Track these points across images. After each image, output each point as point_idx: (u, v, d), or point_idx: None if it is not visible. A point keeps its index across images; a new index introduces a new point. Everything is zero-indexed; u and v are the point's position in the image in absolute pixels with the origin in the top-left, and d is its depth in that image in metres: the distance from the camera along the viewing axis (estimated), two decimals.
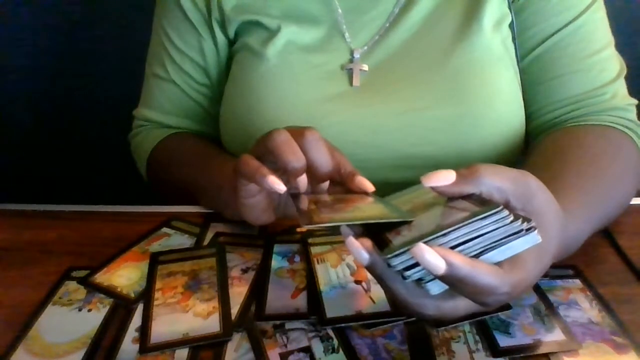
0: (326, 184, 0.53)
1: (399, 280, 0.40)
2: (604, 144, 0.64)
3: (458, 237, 0.39)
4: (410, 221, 0.43)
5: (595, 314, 0.51)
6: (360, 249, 0.40)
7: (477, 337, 0.48)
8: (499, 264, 0.39)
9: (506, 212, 0.38)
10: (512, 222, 0.38)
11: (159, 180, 0.79)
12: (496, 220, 0.38)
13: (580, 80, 0.69)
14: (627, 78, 0.70)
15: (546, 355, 0.46)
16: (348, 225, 0.44)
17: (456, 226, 0.38)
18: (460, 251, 0.39)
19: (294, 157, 0.49)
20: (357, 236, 0.42)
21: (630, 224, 0.63)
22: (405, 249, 0.38)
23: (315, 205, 0.49)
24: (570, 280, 0.55)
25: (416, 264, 0.39)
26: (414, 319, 0.50)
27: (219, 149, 0.76)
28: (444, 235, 0.38)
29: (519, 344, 0.47)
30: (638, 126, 0.68)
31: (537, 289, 0.53)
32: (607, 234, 0.61)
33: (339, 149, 0.53)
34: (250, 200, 0.54)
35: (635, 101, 0.70)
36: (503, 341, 0.47)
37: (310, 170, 0.51)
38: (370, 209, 0.47)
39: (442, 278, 0.38)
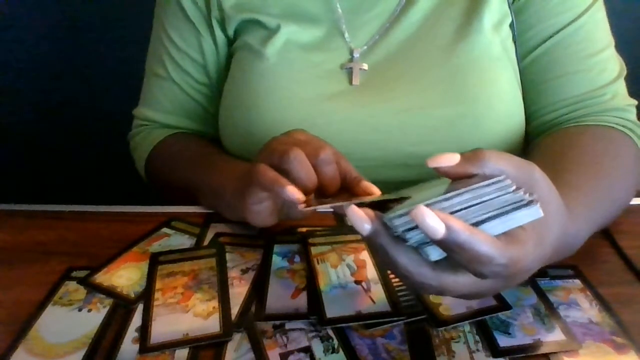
0: None
1: (400, 248, 0.40)
2: (604, 144, 0.64)
3: (460, 202, 0.38)
4: (408, 197, 0.43)
5: (595, 314, 0.51)
6: (362, 218, 0.40)
7: (477, 337, 0.48)
8: (497, 237, 0.39)
9: (509, 182, 0.38)
10: (514, 191, 0.38)
11: (159, 181, 0.79)
12: (499, 188, 0.38)
13: (581, 81, 0.69)
14: (627, 79, 0.71)
15: (546, 355, 0.46)
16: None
17: (458, 191, 0.38)
18: (461, 216, 0.38)
19: (308, 179, 0.50)
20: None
21: (630, 224, 0.63)
22: (407, 210, 0.38)
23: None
24: (570, 280, 0.55)
25: (417, 227, 0.38)
26: (414, 319, 0.50)
27: (220, 150, 0.76)
28: (446, 199, 0.38)
29: (519, 344, 0.47)
30: (638, 127, 0.68)
31: (537, 289, 0.53)
32: (607, 234, 0.61)
33: (345, 157, 0.53)
34: (259, 205, 0.54)
35: (635, 102, 0.70)
36: (503, 341, 0.47)
37: (319, 186, 0.52)
38: (368, 197, 0.47)
39: (441, 243, 0.38)
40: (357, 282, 0.54)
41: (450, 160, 0.41)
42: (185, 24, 0.75)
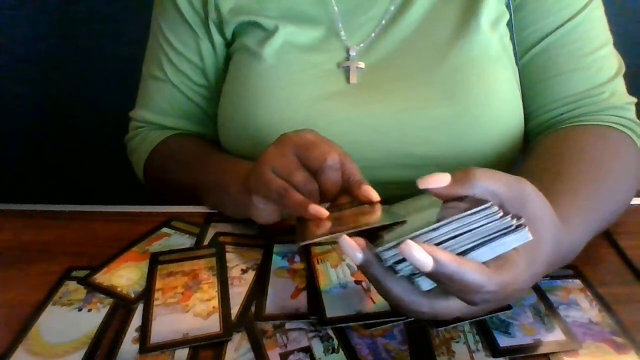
0: None
1: (392, 278, 0.40)
2: (603, 145, 0.64)
3: (448, 231, 0.39)
4: (403, 222, 0.43)
5: (595, 314, 0.51)
6: (354, 249, 0.40)
7: (477, 337, 0.48)
8: (487, 263, 0.39)
9: (496, 208, 0.39)
10: (501, 217, 0.38)
11: (159, 182, 0.79)
12: (486, 216, 0.39)
13: (578, 79, 0.68)
14: (625, 77, 0.70)
15: (546, 355, 0.46)
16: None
17: (446, 221, 0.38)
18: (449, 245, 0.39)
19: (312, 194, 0.52)
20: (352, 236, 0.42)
21: (630, 224, 0.63)
22: (396, 242, 0.38)
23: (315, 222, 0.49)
24: (570, 280, 0.55)
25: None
26: (413, 318, 0.50)
27: (219, 149, 0.76)
28: (434, 229, 0.39)
29: (519, 344, 0.47)
30: (637, 125, 0.68)
31: (537, 289, 0.53)
32: (607, 234, 0.61)
33: (350, 158, 0.54)
34: (264, 204, 0.56)
35: (634, 100, 0.70)
36: (503, 341, 0.47)
37: (321, 190, 0.53)
38: (365, 218, 0.47)
39: (430, 275, 0.38)
40: (357, 282, 0.54)
41: (440, 181, 0.41)
42: (182, 26, 0.75)
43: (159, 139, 0.79)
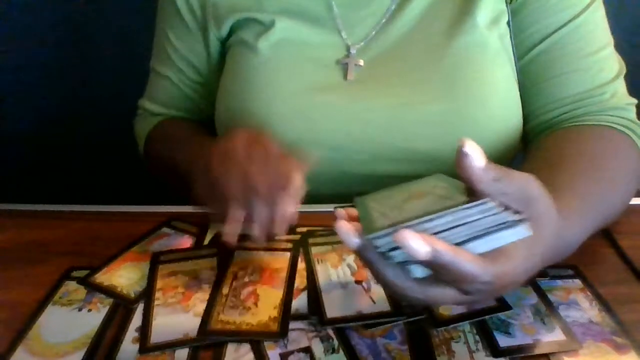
0: None
1: (387, 263, 0.40)
2: (604, 145, 0.64)
3: (444, 223, 0.38)
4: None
5: (595, 313, 0.51)
6: (350, 233, 0.40)
7: (477, 337, 0.48)
8: (482, 254, 0.39)
9: (492, 204, 0.38)
10: (499, 213, 0.38)
11: (154, 162, 0.81)
12: (481, 211, 0.38)
13: (579, 80, 0.68)
14: (626, 78, 0.70)
15: (546, 355, 0.46)
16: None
17: (441, 213, 0.38)
18: (445, 237, 0.38)
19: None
20: (350, 218, 0.42)
21: (630, 224, 0.63)
22: (390, 230, 0.38)
23: None
24: (570, 280, 0.55)
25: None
26: (413, 319, 0.50)
27: (207, 132, 0.77)
28: (429, 221, 0.38)
29: (519, 344, 0.47)
30: (638, 126, 0.68)
31: (537, 289, 0.53)
32: (607, 234, 0.61)
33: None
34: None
35: (635, 100, 0.70)
36: (503, 341, 0.47)
37: None
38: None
39: (425, 263, 0.38)
40: (358, 282, 0.54)
41: (477, 158, 0.39)
42: (179, 24, 0.76)
43: (155, 122, 0.81)
